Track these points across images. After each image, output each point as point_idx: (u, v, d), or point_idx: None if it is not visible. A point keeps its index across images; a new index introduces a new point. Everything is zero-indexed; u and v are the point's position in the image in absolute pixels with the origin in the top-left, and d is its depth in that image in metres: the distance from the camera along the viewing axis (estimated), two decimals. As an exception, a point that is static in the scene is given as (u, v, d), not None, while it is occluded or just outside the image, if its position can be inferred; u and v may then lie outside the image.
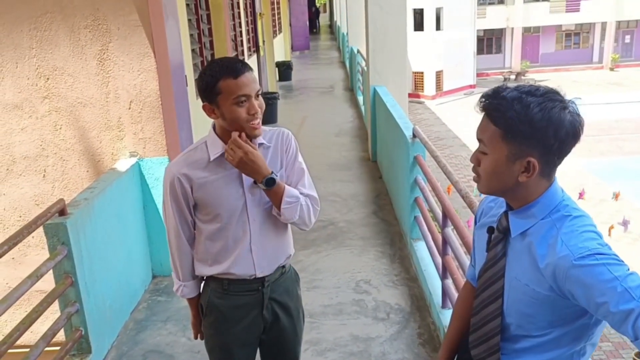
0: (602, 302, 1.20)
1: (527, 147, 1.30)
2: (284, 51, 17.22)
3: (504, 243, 1.43)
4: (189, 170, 1.93)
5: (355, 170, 6.86)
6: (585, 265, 1.23)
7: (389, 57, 6.42)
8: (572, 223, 1.31)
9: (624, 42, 39.20)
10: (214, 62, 1.89)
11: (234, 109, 1.83)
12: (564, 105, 1.29)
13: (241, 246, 1.98)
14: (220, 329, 2.08)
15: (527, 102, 1.27)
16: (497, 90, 1.33)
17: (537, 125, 1.27)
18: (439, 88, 32.03)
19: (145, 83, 3.88)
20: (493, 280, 1.45)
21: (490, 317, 1.47)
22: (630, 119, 25.43)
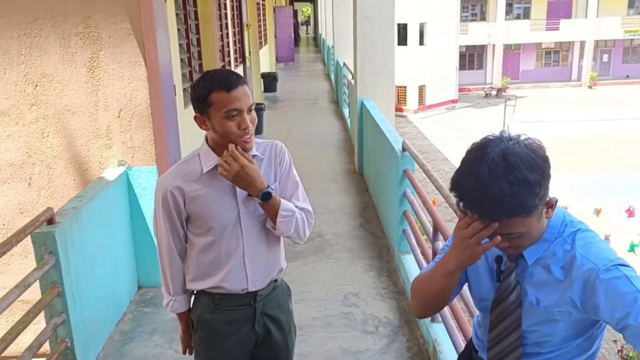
0: (625, 314, 1.22)
1: (545, 197, 1.31)
2: (269, 62, 17.26)
3: (516, 272, 1.42)
4: (181, 183, 1.91)
5: (341, 182, 6.87)
6: (612, 278, 1.25)
7: (377, 71, 6.46)
8: (583, 236, 1.34)
9: (602, 61, 40.06)
10: (207, 74, 1.87)
11: (225, 123, 1.81)
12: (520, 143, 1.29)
13: (234, 259, 1.96)
14: (212, 344, 2.05)
15: (524, 180, 1.24)
16: (482, 191, 1.25)
17: (541, 180, 1.27)
18: (421, 102, 32.35)
19: (135, 92, 3.85)
20: (510, 310, 1.43)
21: (511, 349, 1.45)
22: (608, 135, 25.90)
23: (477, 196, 1.25)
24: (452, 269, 1.39)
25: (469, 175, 1.27)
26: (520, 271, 1.41)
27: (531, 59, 40.12)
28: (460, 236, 1.32)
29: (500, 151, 1.25)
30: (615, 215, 11.80)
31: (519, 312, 1.41)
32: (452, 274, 1.40)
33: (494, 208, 1.25)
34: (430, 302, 1.52)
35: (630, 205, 7.57)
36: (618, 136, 25.71)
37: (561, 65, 40.36)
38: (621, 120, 28.39)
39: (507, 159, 1.24)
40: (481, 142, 1.31)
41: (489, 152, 1.26)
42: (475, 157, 1.28)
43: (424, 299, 1.52)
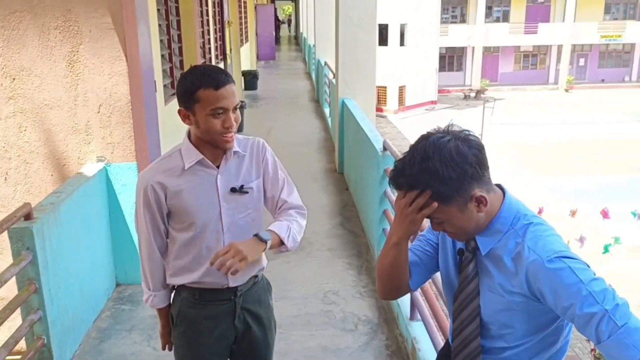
0: (569, 304, 1.25)
1: (464, 192, 1.36)
2: (250, 60, 17.19)
3: (474, 262, 1.47)
4: (163, 178, 1.91)
5: (321, 181, 6.88)
6: (554, 269, 1.28)
7: (358, 70, 6.49)
8: (534, 229, 1.37)
9: (579, 65, 40.73)
10: (196, 68, 1.86)
11: (209, 120, 1.81)
12: (452, 139, 1.35)
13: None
14: (192, 339, 2.05)
15: (434, 169, 1.33)
16: (399, 171, 1.39)
17: (455, 175, 1.34)
18: (401, 103, 32.52)
19: (115, 87, 3.81)
20: (469, 300, 1.48)
21: (470, 338, 1.49)
22: (584, 139, 26.35)
23: (396, 177, 1.40)
24: (395, 240, 1.48)
25: (399, 160, 1.42)
26: (478, 262, 1.47)
27: (510, 61, 40.62)
28: (400, 207, 1.42)
29: (428, 142, 1.37)
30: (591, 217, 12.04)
31: (477, 301, 1.46)
32: (398, 245, 1.49)
33: (404, 186, 1.39)
34: (385, 278, 1.58)
35: (604, 207, 7.76)
36: (594, 140, 26.16)
37: (539, 68, 40.94)
38: (597, 124, 28.91)
39: (426, 150, 1.35)
40: (426, 133, 1.42)
41: (421, 141, 1.39)
42: (411, 145, 1.42)
43: (380, 276, 1.60)
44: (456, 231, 1.43)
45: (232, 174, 1.95)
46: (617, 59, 41.01)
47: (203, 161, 1.90)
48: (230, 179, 1.95)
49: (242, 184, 1.96)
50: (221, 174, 1.93)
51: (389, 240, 1.51)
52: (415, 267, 1.58)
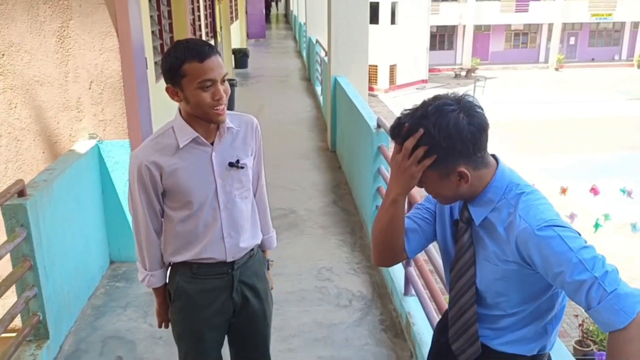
0: (559, 272, 1.27)
1: (449, 163, 1.37)
2: (240, 38, 17.02)
3: (469, 232, 1.48)
4: (158, 158, 1.87)
5: (314, 159, 6.88)
6: (544, 237, 1.29)
7: (351, 48, 6.45)
8: (527, 198, 1.38)
9: (569, 44, 40.72)
10: (179, 43, 1.82)
11: (198, 94, 1.78)
12: (456, 111, 1.35)
13: (212, 232, 1.96)
14: (190, 313, 2.05)
15: (426, 128, 1.35)
16: (398, 123, 1.41)
17: (444, 144, 1.34)
18: (392, 82, 32.41)
19: (107, 63, 3.77)
20: (465, 269, 1.49)
21: (467, 306, 1.51)
22: (574, 118, 26.47)
23: (393, 126, 1.43)
24: (394, 196, 1.47)
25: (405, 111, 1.44)
26: (473, 232, 1.47)
27: (500, 40, 40.51)
28: (397, 161, 1.42)
29: (434, 104, 1.37)
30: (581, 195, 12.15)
31: (472, 270, 1.47)
32: (395, 202, 1.48)
33: (396, 135, 1.42)
34: (382, 241, 1.56)
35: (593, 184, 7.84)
36: (584, 118, 26.28)
37: (529, 47, 40.88)
38: (587, 103, 29.03)
39: (428, 109, 1.36)
40: (438, 95, 1.42)
41: (428, 100, 1.40)
42: (424, 102, 1.42)
43: (376, 239, 1.58)
44: (434, 194, 1.47)
45: (226, 150, 1.94)
46: (607, 38, 41.03)
47: (197, 139, 1.88)
48: (225, 155, 1.93)
49: (238, 158, 1.95)
50: (216, 150, 1.91)
51: (386, 198, 1.49)
52: (413, 233, 1.57)
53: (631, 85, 33.44)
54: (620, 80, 35.08)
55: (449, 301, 1.58)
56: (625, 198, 7.80)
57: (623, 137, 23.02)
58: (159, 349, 3.20)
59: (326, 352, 3.17)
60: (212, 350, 2.13)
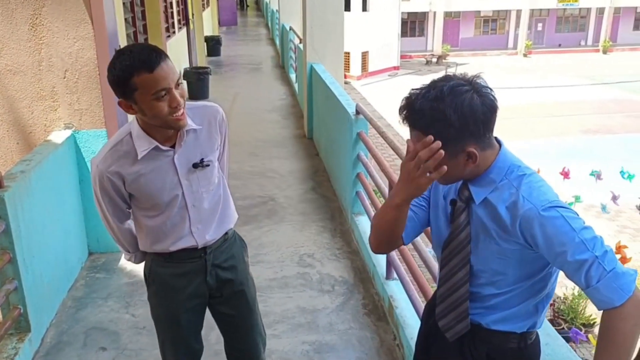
0: (561, 251, 1.32)
1: (460, 143, 1.38)
2: (212, 26, 16.81)
3: (467, 212, 1.50)
4: (118, 167, 1.83)
5: (290, 147, 6.87)
6: (549, 217, 1.34)
7: (326, 35, 6.44)
8: (528, 180, 1.42)
9: (537, 30, 41.26)
10: (122, 53, 1.68)
11: (154, 105, 1.68)
12: (470, 91, 1.36)
13: (180, 228, 1.97)
14: (164, 296, 2.06)
15: (442, 109, 1.34)
16: (410, 102, 1.40)
17: (458, 124, 1.35)
18: (364, 69, 32.42)
19: (81, 51, 3.70)
20: (460, 248, 1.51)
21: (459, 284, 1.53)
22: (542, 103, 26.91)
23: (405, 108, 1.41)
24: (399, 202, 1.47)
25: (416, 90, 1.42)
26: (471, 212, 1.49)
27: (470, 26, 40.82)
28: (407, 169, 1.40)
29: (448, 84, 1.37)
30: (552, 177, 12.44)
31: (468, 249, 1.50)
32: (400, 206, 1.48)
33: (411, 116, 1.40)
34: (382, 233, 1.60)
35: (564, 167, 8.03)
36: (551, 103, 26.75)
37: (498, 33, 41.28)
38: (555, 88, 29.54)
39: (442, 90, 1.36)
40: (449, 76, 1.42)
41: (440, 81, 1.40)
42: (435, 81, 1.41)
43: (377, 232, 1.61)
44: (436, 175, 1.44)
45: (189, 151, 1.89)
46: (574, 24, 41.70)
47: (157, 147, 1.83)
48: (188, 157, 1.89)
49: (202, 157, 1.91)
50: (178, 153, 1.86)
51: (391, 200, 1.49)
52: (410, 222, 1.59)
53: (596, 70, 34.13)
54: (586, 65, 35.76)
55: (439, 279, 1.60)
56: (595, 181, 8.00)
57: (589, 120, 23.53)
58: (143, 339, 3.20)
59: (310, 337, 3.21)
60: (189, 334, 2.13)
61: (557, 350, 1.60)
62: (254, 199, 5.11)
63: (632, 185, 8.82)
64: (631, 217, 13.69)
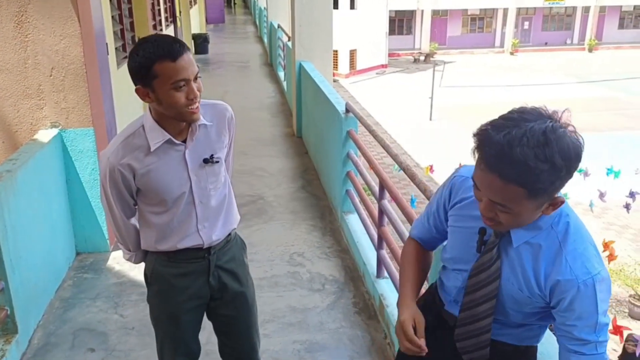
0: (573, 323, 1.32)
1: (555, 192, 1.26)
2: (199, 23, 16.73)
3: (499, 247, 1.43)
4: (130, 160, 1.83)
5: (280, 145, 6.85)
6: (584, 292, 1.31)
7: (315, 33, 6.42)
8: (574, 239, 1.34)
9: (523, 28, 41.53)
10: (147, 41, 1.72)
11: (172, 94, 1.70)
12: (567, 131, 1.23)
13: (187, 226, 1.95)
14: (166, 296, 2.04)
15: (548, 156, 1.18)
16: (504, 150, 1.19)
17: (563, 172, 1.21)
18: (352, 67, 32.46)
19: (68, 49, 3.65)
20: (488, 281, 1.45)
21: (483, 315, 1.49)
22: (528, 101, 27.08)
23: (498, 150, 1.20)
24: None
25: (501, 130, 1.22)
26: (502, 247, 1.42)
27: (457, 25, 41.00)
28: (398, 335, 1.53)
29: (544, 126, 1.20)
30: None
31: (496, 283, 1.43)
32: None
33: (507, 166, 1.20)
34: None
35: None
36: (538, 101, 26.88)
37: (485, 31, 41.51)
38: (541, 86, 29.75)
39: (546, 135, 1.18)
40: (529, 109, 1.26)
41: (531, 121, 1.21)
42: (516, 119, 1.24)
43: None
44: (507, 224, 1.33)
45: (200, 147, 1.90)
46: (560, 22, 42.02)
47: (170, 140, 1.83)
48: (199, 152, 1.90)
49: (212, 153, 1.92)
50: (189, 148, 1.87)
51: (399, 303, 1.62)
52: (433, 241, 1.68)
53: (582, 68, 34.44)
54: (572, 63, 36.06)
55: (462, 303, 1.53)
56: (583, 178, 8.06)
57: (575, 119, 23.65)
58: (132, 340, 3.17)
59: (301, 336, 3.20)
60: (188, 335, 2.12)
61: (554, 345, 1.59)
62: (243, 197, 5.08)
63: (619, 182, 8.90)
64: (617, 214, 13.85)
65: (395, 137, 19.49)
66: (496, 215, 1.31)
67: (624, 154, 16.96)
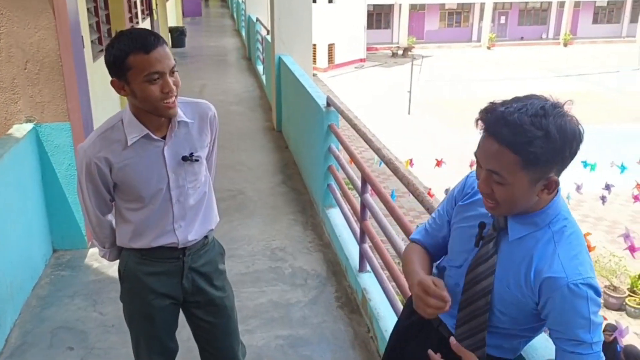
0: (565, 327, 1.32)
1: (549, 168, 1.28)
2: (176, 16, 16.53)
3: (496, 241, 1.43)
4: (107, 153, 1.80)
5: (259, 140, 6.81)
6: (574, 294, 1.30)
7: (294, 26, 6.38)
8: (569, 241, 1.35)
9: (500, 23, 41.88)
10: (123, 34, 1.72)
11: (146, 87, 1.69)
12: (568, 116, 1.27)
13: (163, 224, 1.93)
14: (138, 295, 2.01)
15: (544, 126, 1.23)
16: (502, 114, 1.26)
17: (558, 146, 1.24)
18: (331, 61, 32.41)
19: (43, 42, 3.56)
20: (484, 276, 1.45)
21: (479, 312, 1.48)
22: (506, 95, 27.35)
23: (498, 115, 1.27)
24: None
25: (505, 103, 1.30)
26: (499, 242, 1.43)
27: (435, 19, 41.18)
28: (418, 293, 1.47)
29: (544, 102, 1.27)
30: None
31: (491, 279, 1.43)
32: None
33: (503, 128, 1.26)
34: None
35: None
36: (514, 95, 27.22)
37: (463, 26, 41.77)
38: (518, 80, 30.08)
39: (545, 109, 1.25)
40: (535, 94, 1.33)
41: (533, 98, 1.30)
42: (521, 98, 1.31)
43: None
44: (503, 201, 1.33)
45: (180, 144, 1.87)
46: (536, 17, 42.48)
47: (147, 135, 1.81)
48: (178, 149, 1.87)
49: (192, 151, 1.89)
50: (168, 145, 1.85)
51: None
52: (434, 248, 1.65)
53: (558, 62, 34.89)
54: (548, 57, 36.51)
55: (460, 302, 1.52)
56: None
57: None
58: (112, 337, 3.12)
59: (284, 331, 3.18)
60: (163, 333, 2.09)
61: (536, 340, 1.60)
62: (223, 192, 5.04)
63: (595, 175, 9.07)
64: (592, 207, 14.09)
65: (374, 131, 19.53)
66: (493, 192, 1.33)
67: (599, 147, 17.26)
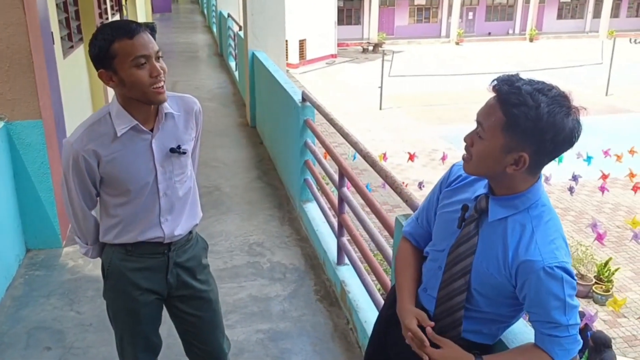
0: (541, 309, 1.37)
1: (524, 143, 1.33)
2: (145, 12, 16.31)
3: (477, 222, 1.47)
4: (95, 146, 1.79)
5: (234, 136, 6.79)
6: (550, 276, 1.35)
7: (267, 22, 6.37)
8: (547, 226, 1.40)
9: (468, 19, 42.44)
10: (105, 26, 1.74)
11: (134, 72, 1.69)
12: (569, 111, 1.33)
13: (149, 218, 1.93)
14: (122, 291, 2.01)
15: (539, 101, 1.30)
16: (512, 78, 1.36)
17: (540, 125, 1.30)
18: (302, 57, 32.40)
19: (13, 37, 3.49)
20: (464, 256, 1.49)
21: (457, 292, 1.52)
22: (474, 90, 27.75)
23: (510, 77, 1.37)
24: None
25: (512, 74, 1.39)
26: (481, 224, 1.47)
27: (405, 15, 41.49)
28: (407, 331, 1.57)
29: (554, 89, 1.35)
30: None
31: (471, 259, 1.47)
32: None
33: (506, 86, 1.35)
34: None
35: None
36: (483, 90, 27.56)
37: (432, 22, 42.18)
38: (485, 75, 30.53)
39: (551, 92, 1.33)
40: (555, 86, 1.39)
41: (553, 85, 1.36)
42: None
43: None
44: (476, 156, 1.41)
45: (167, 136, 1.87)
46: (502, 13, 43.15)
47: (136, 127, 1.81)
48: (165, 141, 1.87)
49: (179, 144, 1.90)
50: (156, 137, 1.85)
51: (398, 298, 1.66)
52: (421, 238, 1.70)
53: (524, 57, 35.49)
54: (515, 52, 37.12)
55: (441, 282, 1.56)
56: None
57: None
58: (90, 336, 3.09)
59: (264, 325, 3.20)
60: (149, 329, 2.09)
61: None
62: (199, 188, 5.01)
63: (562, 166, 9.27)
64: (559, 197, 14.42)
65: (347, 126, 19.62)
66: (472, 145, 1.42)
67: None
